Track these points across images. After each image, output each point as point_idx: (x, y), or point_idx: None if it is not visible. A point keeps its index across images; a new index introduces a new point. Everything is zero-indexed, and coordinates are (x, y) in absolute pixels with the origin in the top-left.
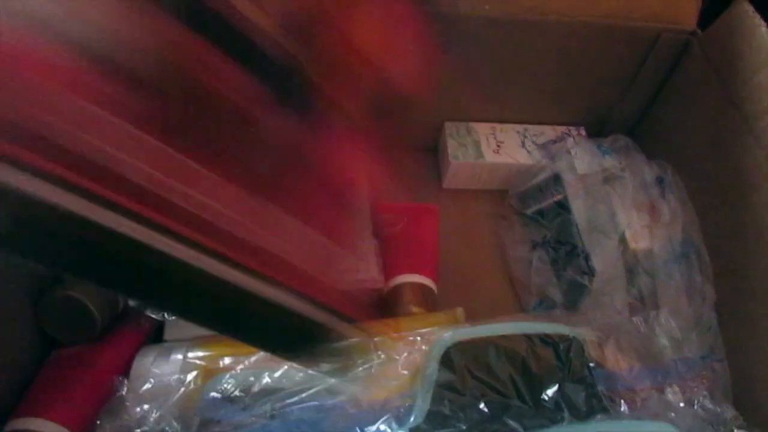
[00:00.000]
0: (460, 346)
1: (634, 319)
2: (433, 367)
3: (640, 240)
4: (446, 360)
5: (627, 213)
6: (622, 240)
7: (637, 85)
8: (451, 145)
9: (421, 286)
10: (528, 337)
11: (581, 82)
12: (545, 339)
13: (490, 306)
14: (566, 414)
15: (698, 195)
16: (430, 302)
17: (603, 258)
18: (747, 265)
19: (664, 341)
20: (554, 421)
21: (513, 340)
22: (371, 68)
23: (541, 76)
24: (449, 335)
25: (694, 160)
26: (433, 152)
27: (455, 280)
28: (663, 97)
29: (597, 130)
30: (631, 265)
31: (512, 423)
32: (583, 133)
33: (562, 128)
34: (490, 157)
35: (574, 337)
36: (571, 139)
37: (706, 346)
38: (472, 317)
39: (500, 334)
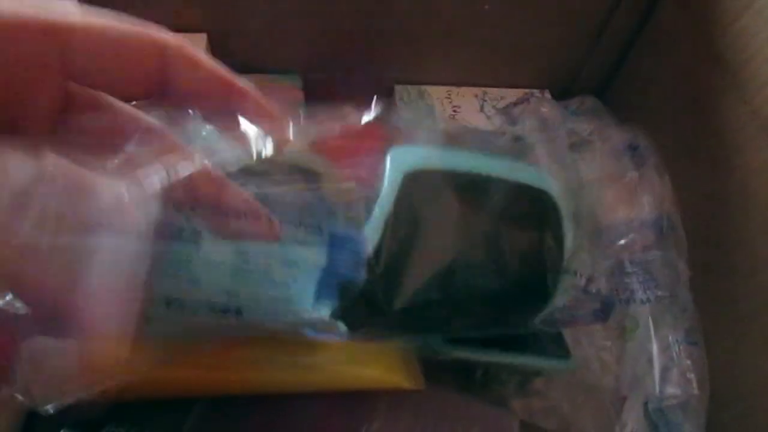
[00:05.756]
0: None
1: None
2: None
3: (610, 213)
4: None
5: (596, 183)
6: (591, 212)
7: (606, 40)
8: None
9: None
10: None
11: (543, 39)
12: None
13: None
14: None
15: (674, 161)
16: None
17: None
18: (729, 237)
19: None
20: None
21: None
22: None
23: (498, 32)
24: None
25: (669, 122)
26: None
27: None
28: (634, 54)
29: (563, 94)
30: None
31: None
32: (548, 95)
33: (525, 91)
34: (444, 123)
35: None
36: (534, 100)
37: (681, 330)
38: None
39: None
